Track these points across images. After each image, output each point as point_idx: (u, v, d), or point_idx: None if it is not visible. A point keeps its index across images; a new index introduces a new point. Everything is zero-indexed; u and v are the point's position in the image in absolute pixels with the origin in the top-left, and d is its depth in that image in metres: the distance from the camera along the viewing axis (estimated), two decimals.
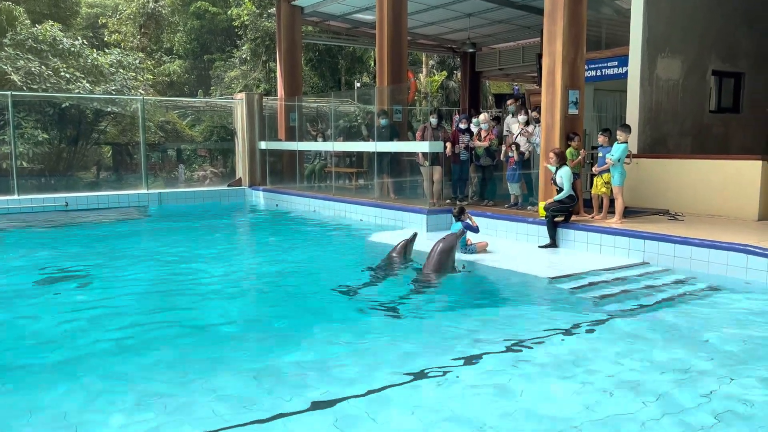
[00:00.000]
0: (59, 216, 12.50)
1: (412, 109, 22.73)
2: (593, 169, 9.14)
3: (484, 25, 18.04)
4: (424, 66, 31.53)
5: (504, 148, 10.66)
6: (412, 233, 8.54)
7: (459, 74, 25.89)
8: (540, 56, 10.92)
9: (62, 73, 16.95)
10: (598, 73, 12.54)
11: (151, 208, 14.03)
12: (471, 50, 20.42)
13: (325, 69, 27.48)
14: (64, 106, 16.66)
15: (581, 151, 9.23)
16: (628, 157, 8.83)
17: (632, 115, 10.90)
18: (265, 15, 24.91)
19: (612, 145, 8.77)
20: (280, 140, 16.10)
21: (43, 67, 16.68)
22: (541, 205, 9.04)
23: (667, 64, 11.18)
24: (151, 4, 27.56)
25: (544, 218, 8.77)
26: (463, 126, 11.27)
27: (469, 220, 8.44)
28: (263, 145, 15.95)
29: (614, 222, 8.59)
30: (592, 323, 5.49)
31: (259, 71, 26.78)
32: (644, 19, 10.79)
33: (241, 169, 16.19)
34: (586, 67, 10.24)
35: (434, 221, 10.20)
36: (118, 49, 22.42)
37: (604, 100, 13.03)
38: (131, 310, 6.06)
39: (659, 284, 6.82)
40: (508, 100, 12.11)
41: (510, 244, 9.00)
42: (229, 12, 27.28)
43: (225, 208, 14.60)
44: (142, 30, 28.38)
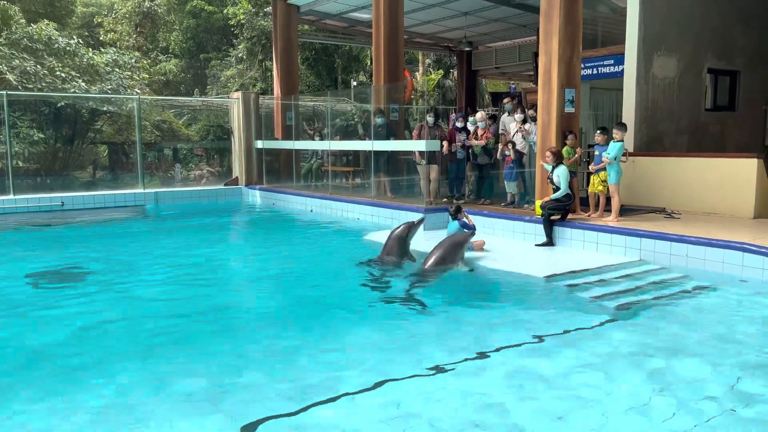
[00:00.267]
0: (56, 216, 12.47)
1: (409, 108, 22.71)
2: (590, 168, 9.16)
3: (481, 24, 18.04)
4: (420, 65, 31.54)
5: (500, 146, 10.68)
6: (420, 217, 8.59)
7: (455, 73, 25.90)
8: (536, 55, 10.94)
9: (58, 73, 16.88)
10: (595, 72, 12.56)
11: (147, 208, 14.00)
12: (467, 49, 20.43)
13: (322, 68, 27.45)
14: (59, 105, 16.60)
15: (578, 150, 9.25)
16: (625, 155, 8.85)
17: (628, 114, 10.93)
18: (261, 14, 24.86)
19: (608, 144, 8.80)
20: (277, 139, 16.08)
21: (38, 66, 16.62)
22: (538, 203, 9.05)
23: (663, 63, 11.21)
24: (146, 3, 27.46)
25: (541, 217, 8.79)
26: (459, 125, 11.28)
27: (465, 219, 8.44)
28: (260, 144, 15.94)
29: (611, 220, 8.61)
30: (590, 321, 5.51)
31: (256, 70, 26.72)
32: (640, 18, 10.81)
33: (238, 169, 16.17)
34: (583, 66, 10.26)
35: (431, 220, 10.19)
36: (114, 48, 22.35)
37: (601, 99, 13.05)
38: (151, 309, 6.10)
39: (656, 282, 6.84)
40: (505, 99, 12.11)
41: (507, 243, 9.01)
42: (225, 11, 27.23)
43: (221, 208, 14.57)
44: (138, 29, 28.28)
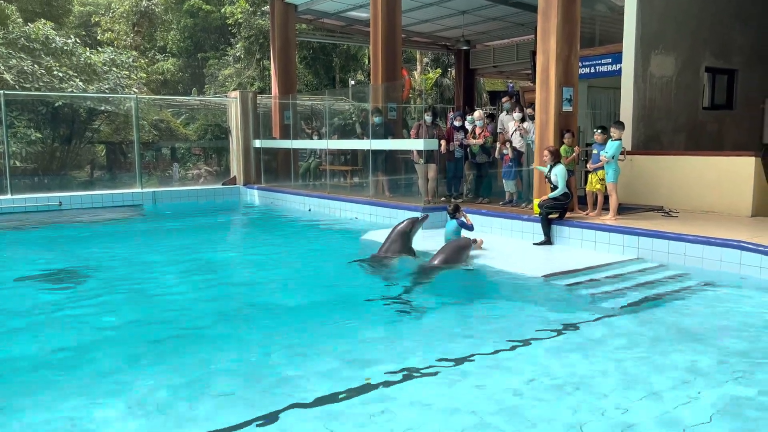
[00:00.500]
0: (53, 215, 12.45)
1: (407, 107, 22.70)
2: (588, 166, 9.17)
3: (478, 23, 18.04)
4: (418, 63, 31.53)
5: (498, 145, 10.69)
6: (423, 214, 8.60)
7: (453, 72, 25.89)
8: (534, 53, 10.95)
9: (55, 72, 16.85)
10: (592, 71, 12.56)
11: (145, 207, 13.98)
12: (465, 47, 20.41)
13: (320, 67, 27.43)
14: (57, 105, 16.58)
15: (575, 148, 9.25)
16: (622, 154, 8.86)
17: (626, 112, 10.94)
18: (259, 13, 24.83)
19: (606, 143, 8.80)
20: (275, 138, 16.07)
21: (35, 65, 16.58)
22: (536, 202, 9.06)
23: (660, 61, 11.21)
24: (144, 3, 27.37)
25: (539, 215, 8.79)
26: (457, 123, 11.29)
27: (463, 218, 8.46)
28: (258, 144, 15.92)
29: (608, 219, 8.62)
30: (588, 320, 5.51)
31: (253, 69, 26.69)
32: (638, 16, 10.82)
33: (236, 168, 16.15)
34: (580, 65, 10.26)
35: (430, 219, 10.15)
36: (111, 48, 22.29)
37: (598, 98, 13.06)
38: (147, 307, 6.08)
39: (654, 280, 6.85)
40: (503, 98, 12.11)
41: (505, 242, 9.01)
42: (223, 10, 27.17)
43: (220, 207, 14.55)
44: (135, 28, 28.20)
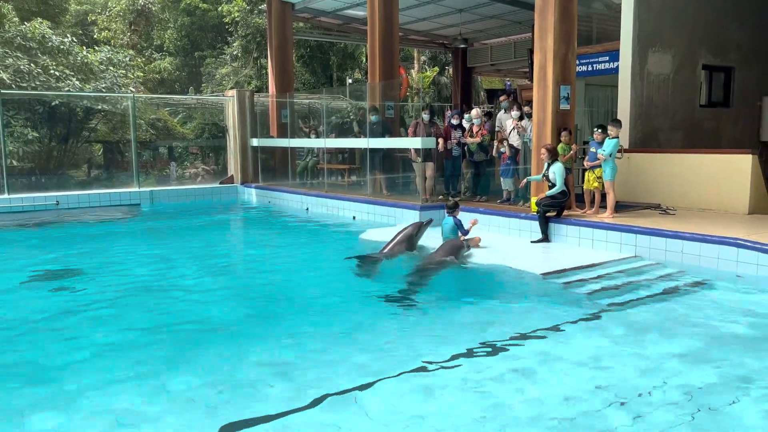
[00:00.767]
0: (50, 215, 12.43)
1: (405, 105, 22.70)
2: (585, 164, 9.17)
3: (476, 21, 18.02)
4: (415, 62, 31.51)
5: (496, 143, 10.69)
6: (428, 219, 8.60)
7: (451, 70, 25.88)
8: (531, 52, 10.94)
9: (52, 71, 16.81)
10: (589, 69, 12.56)
11: (143, 207, 13.96)
12: (462, 46, 20.40)
13: (317, 65, 27.40)
14: (53, 104, 16.55)
15: (572, 146, 9.26)
16: (620, 151, 8.87)
17: (623, 110, 10.94)
18: (256, 11, 24.80)
19: (604, 141, 8.81)
20: (272, 137, 16.05)
21: (32, 65, 16.54)
22: (533, 200, 9.07)
23: (657, 59, 11.22)
24: (140, 1, 27.33)
25: (536, 213, 8.80)
26: (455, 122, 11.28)
27: (461, 222, 8.48)
28: (255, 142, 15.90)
29: (606, 216, 8.63)
30: (586, 317, 5.52)
31: (251, 68, 26.67)
32: (635, 14, 10.82)
33: (233, 167, 16.13)
34: (578, 63, 10.26)
35: (427, 217, 10.17)
36: (108, 47, 22.25)
37: (596, 95, 13.06)
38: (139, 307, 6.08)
39: (652, 278, 6.86)
40: (501, 96, 12.11)
41: (503, 240, 9.01)
42: (220, 8, 27.14)
43: (217, 206, 14.53)
44: (132, 27, 28.16)
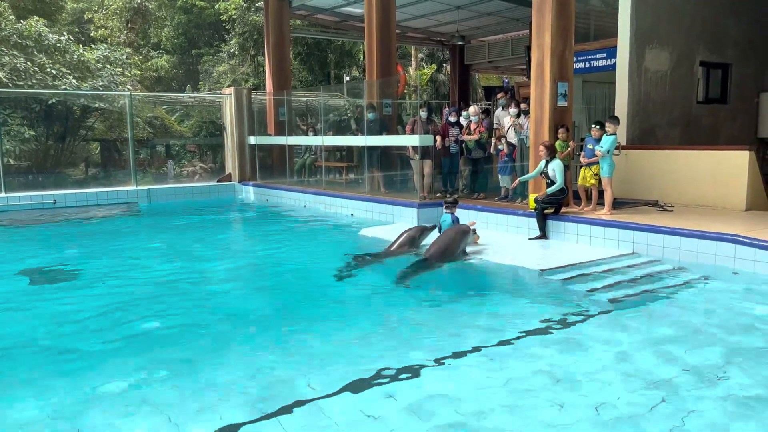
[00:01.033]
0: (48, 214, 12.41)
1: (402, 103, 22.68)
2: (581, 160, 9.18)
3: (473, 18, 18.01)
4: (413, 59, 31.47)
5: (494, 141, 10.69)
6: (431, 225, 8.62)
7: (448, 67, 25.87)
8: (529, 49, 10.93)
9: (48, 69, 16.77)
10: (587, 65, 12.57)
11: (140, 205, 13.94)
12: (460, 43, 20.40)
13: (314, 63, 27.34)
14: (50, 102, 16.51)
15: (570, 143, 9.26)
16: (617, 148, 8.88)
17: (621, 107, 10.95)
18: (253, 9, 24.75)
19: (601, 137, 8.81)
20: (270, 135, 16.03)
21: (28, 63, 16.50)
22: (531, 197, 9.07)
23: (655, 56, 11.23)
24: None
25: (534, 210, 8.80)
26: (452, 119, 11.27)
27: (458, 216, 8.49)
28: (252, 140, 15.88)
29: (604, 213, 8.64)
30: (585, 314, 5.53)
31: (248, 66, 26.61)
32: (632, 11, 10.82)
33: (231, 165, 16.12)
34: (575, 59, 10.25)
35: (425, 215, 10.20)
36: (105, 45, 22.22)
37: (593, 92, 13.06)
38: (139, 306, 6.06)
39: (649, 274, 6.87)
40: (498, 94, 12.11)
41: (501, 237, 9.02)
42: (217, 6, 27.06)
43: (215, 204, 14.51)
44: (129, 25, 28.10)
